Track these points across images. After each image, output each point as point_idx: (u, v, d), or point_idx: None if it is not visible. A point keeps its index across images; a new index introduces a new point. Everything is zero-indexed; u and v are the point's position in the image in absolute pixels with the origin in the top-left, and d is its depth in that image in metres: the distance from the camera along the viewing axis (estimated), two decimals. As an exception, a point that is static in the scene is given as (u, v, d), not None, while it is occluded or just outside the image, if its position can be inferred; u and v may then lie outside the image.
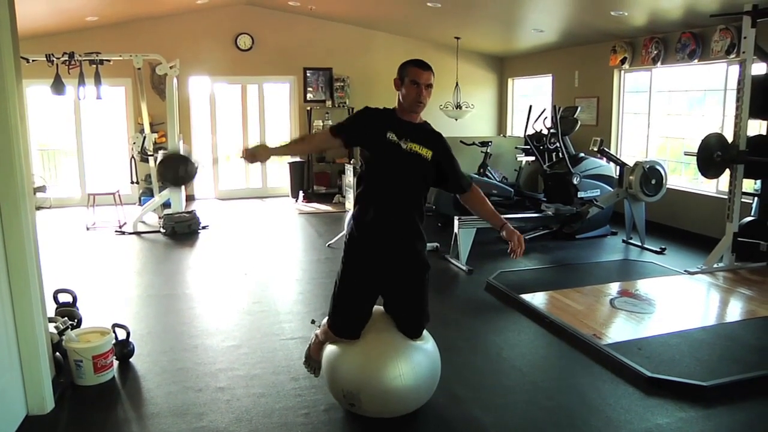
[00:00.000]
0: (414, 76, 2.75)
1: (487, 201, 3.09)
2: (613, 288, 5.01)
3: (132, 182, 8.31)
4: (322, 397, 3.25)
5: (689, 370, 3.49)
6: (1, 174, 2.97)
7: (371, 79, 10.21)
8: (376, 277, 2.88)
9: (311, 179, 10.32)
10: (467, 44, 9.86)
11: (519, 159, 8.35)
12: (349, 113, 10.11)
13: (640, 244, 6.44)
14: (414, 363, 2.91)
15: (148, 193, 8.79)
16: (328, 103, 10.14)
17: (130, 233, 7.48)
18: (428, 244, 6.15)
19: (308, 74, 10.19)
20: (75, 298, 4.49)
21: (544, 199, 7.29)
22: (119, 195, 8.17)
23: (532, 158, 7.90)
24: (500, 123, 10.90)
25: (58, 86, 7.34)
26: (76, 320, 4.07)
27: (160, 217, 7.75)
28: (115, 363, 3.70)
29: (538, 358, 3.90)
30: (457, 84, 9.39)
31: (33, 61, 7.25)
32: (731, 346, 3.85)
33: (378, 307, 3.05)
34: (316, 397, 3.29)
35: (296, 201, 9.94)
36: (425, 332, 3.09)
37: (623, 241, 6.72)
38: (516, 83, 10.70)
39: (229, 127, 10.32)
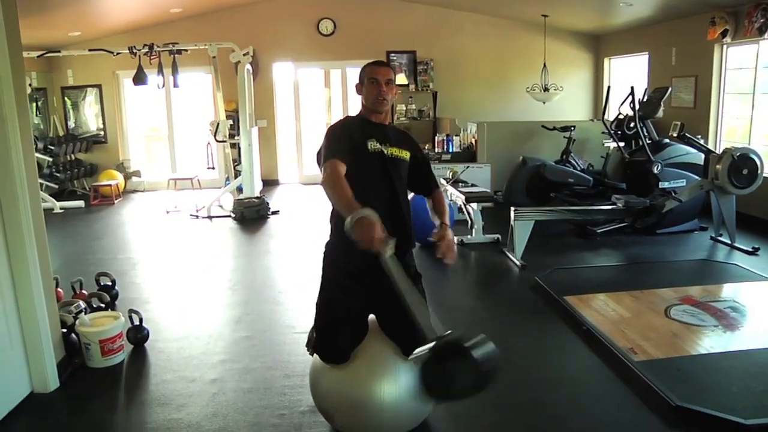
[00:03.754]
0: (371, 74, 2.62)
1: (445, 204, 2.78)
2: (676, 293, 4.40)
3: (208, 167, 8.58)
4: (306, 398, 3.09)
5: (732, 402, 2.94)
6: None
7: (456, 61, 9.85)
8: (364, 298, 2.62)
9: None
10: (556, 22, 9.18)
11: (606, 145, 7.67)
12: (433, 98, 9.84)
13: (729, 242, 5.64)
14: (400, 383, 2.57)
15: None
16: (411, 87, 9.89)
17: (204, 217, 7.74)
18: (489, 236, 5.94)
19: (392, 57, 9.98)
20: (114, 282, 4.69)
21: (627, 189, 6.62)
22: (198, 180, 8.48)
23: (622, 144, 7.21)
24: (596, 106, 10.09)
25: (140, 76, 7.72)
26: (104, 303, 4.21)
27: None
28: (129, 347, 3.79)
29: (557, 370, 3.47)
30: (544, 65, 8.78)
31: (117, 53, 7.67)
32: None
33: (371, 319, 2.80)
34: (300, 397, 3.14)
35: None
36: None
37: (711, 238, 5.93)
38: (613, 63, 9.83)
39: (312, 113, 10.40)
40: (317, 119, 10.37)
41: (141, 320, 3.86)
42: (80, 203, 8.61)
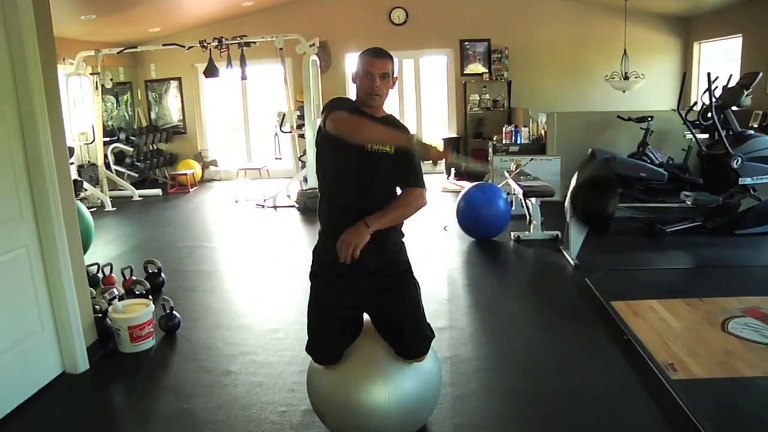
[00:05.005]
0: (366, 64, 2.39)
1: (405, 207, 2.47)
2: (741, 304, 3.95)
3: (276, 158, 8.73)
4: (312, 396, 3.05)
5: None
6: (30, 157, 3.21)
7: (532, 49, 9.45)
8: (353, 296, 2.48)
9: (468, 155, 9.90)
10: (640, 5, 8.55)
11: (688, 137, 7.07)
12: (508, 87, 9.50)
13: (820, 248, 5.04)
14: (391, 387, 2.45)
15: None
16: (485, 76, 9.59)
17: (269, 207, 7.88)
18: (548, 233, 5.64)
19: (465, 46, 9.72)
20: (159, 269, 4.85)
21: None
22: (267, 170, 8.65)
23: (705, 136, 6.62)
24: (684, 95, 9.33)
25: (211, 69, 7.95)
26: (145, 290, 4.35)
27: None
28: (161, 334, 3.89)
29: (583, 383, 3.18)
30: (625, 51, 8.21)
31: (189, 47, 7.93)
32: None
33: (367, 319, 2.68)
34: (305, 395, 3.05)
35: (448, 178, 9.62)
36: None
37: (801, 242, 5.32)
38: (703, 48, 9.04)
39: (385, 104, 10.29)
40: (390, 109, 10.20)
41: (172, 309, 3.95)
42: (158, 191, 9.04)
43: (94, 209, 7.95)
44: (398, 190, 2.52)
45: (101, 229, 7.04)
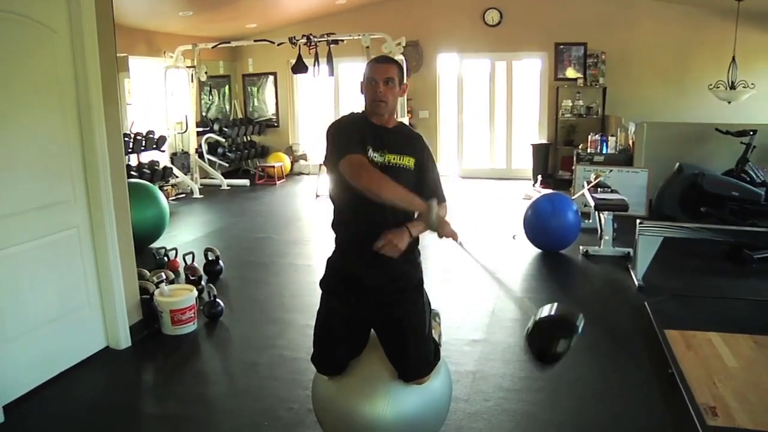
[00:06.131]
0: (369, 72, 2.33)
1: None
2: (818, 347, 3.51)
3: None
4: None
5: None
6: (86, 147, 3.44)
7: (631, 54, 8.91)
8: (360, 309, 2.43)
9: (557, 163, 9.55)
10: (755, 6, 7.77)
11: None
12: (603, 94, 9.03)
13: None
14: (389, 407, 2.37)
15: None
16: (580, 81, 9.15)
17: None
18: (619, 249, 5.31)
19: (560, 49, 9.33)
20: (218, 257, 5.04)
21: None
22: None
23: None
24: (806, 108, 8.42)
25: (299, 65, 8.18)
26: (196, 276, 4.55)
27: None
28: (202, 320, 4.06)
29: (609, 421, 2.94)
30: (733, 58, 7.52)
31: (280, 44, 8.19)
32: None
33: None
34: (317, 395, 3.10)
35: (534, 185, 9.31)
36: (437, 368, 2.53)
37: None
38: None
39: (475, 106, 10.15)
40: (480, 112, 10.09)
41: (215, 297, 4.11)
42: (246, 182, 9.42)
43: (183, 195, 8.43)
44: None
45: (183, 214, 7.47)
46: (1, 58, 2.97)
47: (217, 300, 4.11)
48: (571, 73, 9.28)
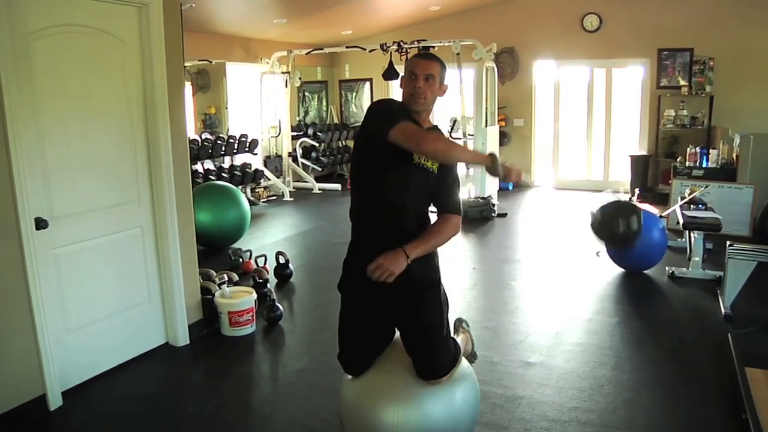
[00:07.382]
0: (410, 66, 2.32)
1: (442, 237, 2.39)
2: None
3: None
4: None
5: None
6: (152, 152, 3.63)
7: (742, 60, 8.16)
8: (380, 306, 2.43)
9: (657, 176, 8.95)
10: None
11: None
12: (710, 103, 8.35)
13: None
14: (408, 410, 2.35)
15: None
16: (684, 89, 8.49)
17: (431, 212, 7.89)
18: (709, 272, 4.87)
19: (663, 55, 8.72)
20: (287, 261, 5.14)
21: None
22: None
23: None
24: None
25: (390, 72, 8.23)
26: (262, 279, 4.66)
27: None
28: (262, 323, 4.15)
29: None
30: None
31: (371, 50, 8.27)
32: None
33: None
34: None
35: (631, 198, 8.77)
36: (461, 374, 2.49)
37: None
38: None
39: (572, 115, 9.72)
40: (577, 121, 9.66)
41: (274, 301, 4.19)
42: (337, 186, 9.58)
43: (274, 198, 8.71)
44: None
45: (271, 216, 7.72)
46: (81, 69, 3.20)
47: (277, 304, 4.19)
48: (675, 80, 8.64)
